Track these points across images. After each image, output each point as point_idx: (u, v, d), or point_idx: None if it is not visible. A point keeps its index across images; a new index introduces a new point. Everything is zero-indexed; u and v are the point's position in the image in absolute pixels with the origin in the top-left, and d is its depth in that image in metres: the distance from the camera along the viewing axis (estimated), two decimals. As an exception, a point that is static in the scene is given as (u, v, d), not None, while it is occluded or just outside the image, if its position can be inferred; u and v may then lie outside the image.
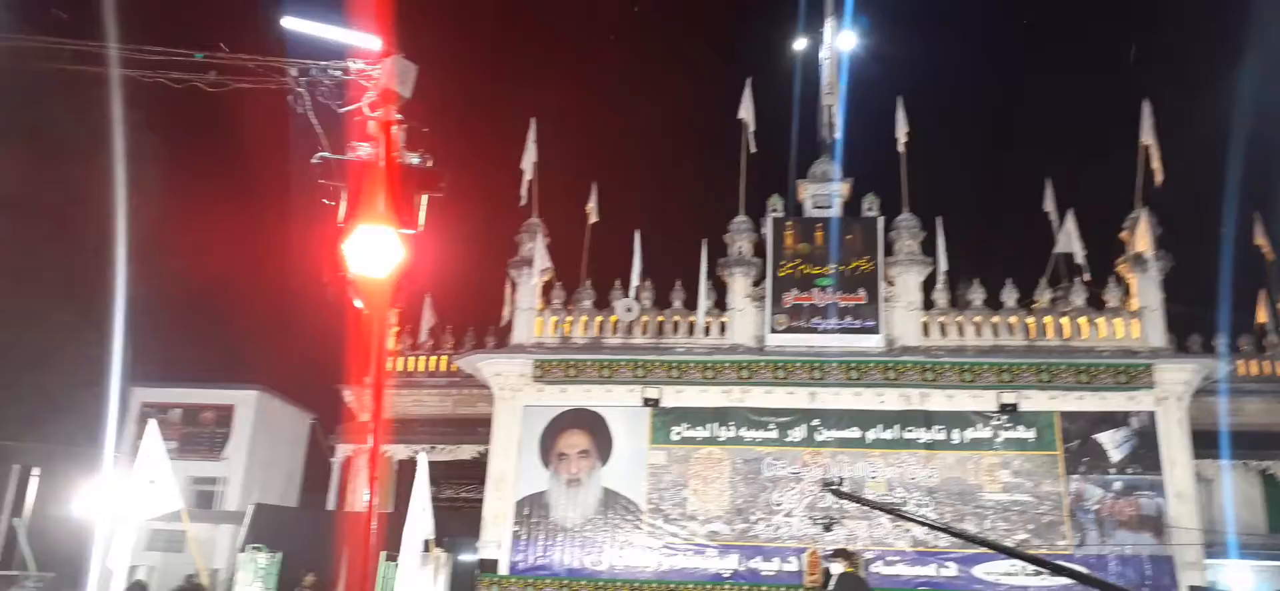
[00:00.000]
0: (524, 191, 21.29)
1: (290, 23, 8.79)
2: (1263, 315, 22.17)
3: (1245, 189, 20.81)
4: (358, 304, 8.72)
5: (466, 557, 19.29)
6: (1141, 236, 19.47)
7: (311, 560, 17.53)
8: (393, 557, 16.06)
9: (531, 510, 19.34)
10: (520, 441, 19.70)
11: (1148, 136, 19.79)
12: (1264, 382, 21.43)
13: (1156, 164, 19.65)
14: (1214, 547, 18.89)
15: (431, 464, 20.67)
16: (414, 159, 9.27)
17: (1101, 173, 23.28)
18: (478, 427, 20.84)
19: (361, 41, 8.98)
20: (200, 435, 24.01)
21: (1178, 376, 18.77)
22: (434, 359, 22.72)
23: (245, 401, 24.46)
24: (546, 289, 20.94)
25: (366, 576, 15.53)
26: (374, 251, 8.66)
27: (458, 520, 19.78)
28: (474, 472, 20.49)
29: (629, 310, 20.32)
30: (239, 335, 28.23)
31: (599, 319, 20.59)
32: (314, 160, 8.92)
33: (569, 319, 20.65)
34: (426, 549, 15.68)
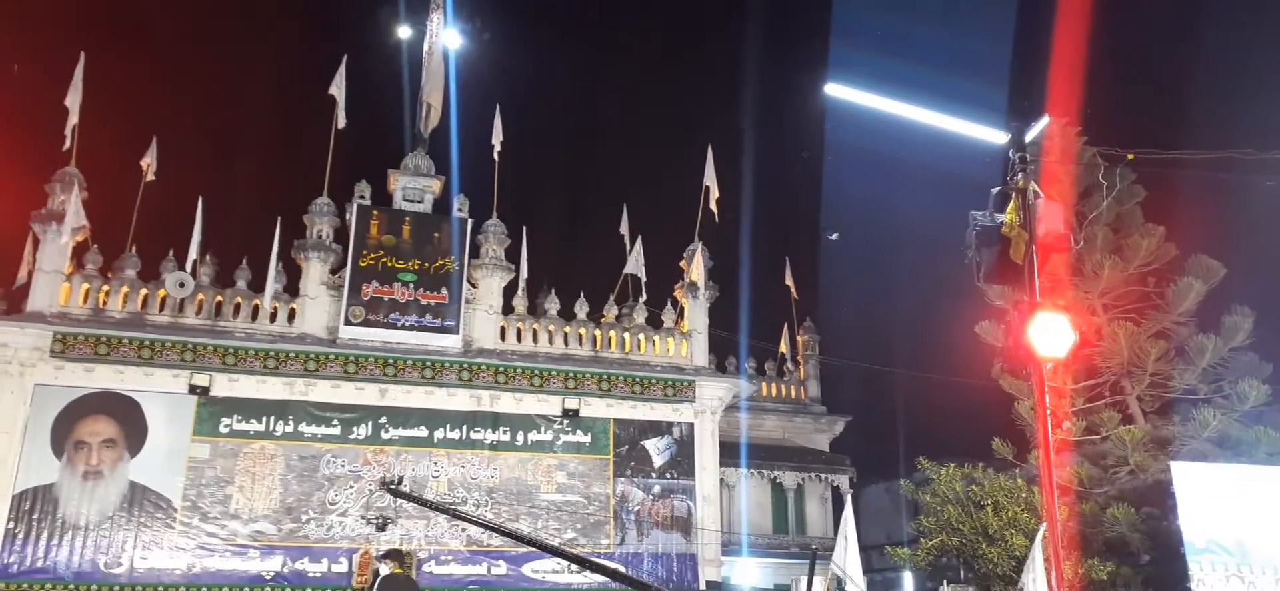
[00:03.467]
0: (68, 133, 18.25)
1: None
2: (785, 346, 25.76)
3: (779, 235, 24.09)
4: None
5: (-62, 561, 15.93)
6: (696, 267, 21.65)
7: None
8: None
9: (34, 505, 16.50)
10: (27, 425, 16.78)
11: (709, 178, 22.04)
12: (781, 403, 24.97)
13: (714, 203, 21.95)
14: (731, 546, 21.48)
15: (-99, 448, 16.94)
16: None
17: (673, 202, 25.64)
18: (-29, 407, 17.37)
19: None
20: None
21: (714, 393, 21.03)
22: (-83, 321, 18.55)
23: None
24: (79, 251, 18.08)
25: None
26: None
27: (-69, 517, 16.34)
28: (-40, 460, 17.00)
29: (182, 285, 18.20)
30: None
31: (144, 292, 18.19)
32: None
33: (106, 289, 18.00)
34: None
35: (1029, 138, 8.47)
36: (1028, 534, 16.13)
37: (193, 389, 17.79)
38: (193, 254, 18.40)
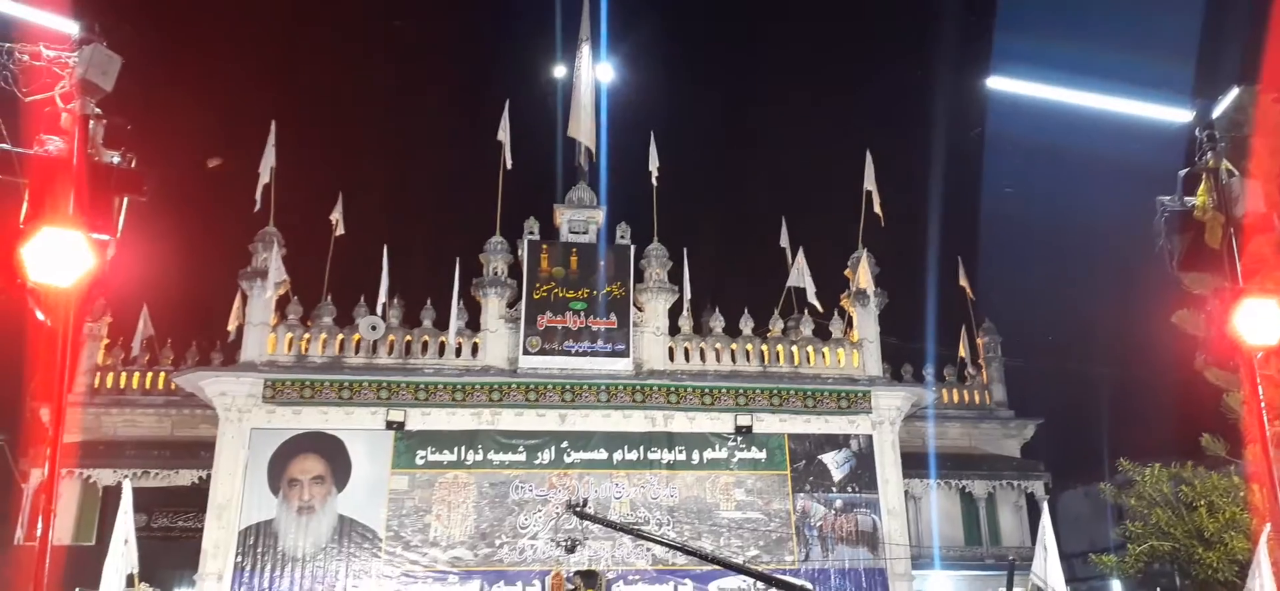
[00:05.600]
0: (258, 196, 19.96)
1: (-30, -4, 7.79)
2: (964, 349, 24.73)
3: (952, 236, 23.26)
4: (40, 315, 7.73)
5: (181, 593, 17.72)
6: (862, 274, 21.20)
7: (-14, 603, 15.40)
8: (88, 596, 14.42)
9: (258, 540, 18.02)
10: (247, 466, 18.33)
11: (870, 182, 21.61)
12: (964, 409, 23.94)
13: (877, 208, 21.48)
14: (920, 560, 20.78)
15: (146, 490, 18.98)
16: (114, 158, 8.47)
17: (834, 211, 25.24)
18: (200, 451, 19.26)
19: (56, 24, 8.10)
20: None
21: (891, 402, 20.50)
22: (150, 375, 20.76)
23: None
24: (282, 303, 19.69)
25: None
26: (59, 257, 7.74)
27: (174, 552, 18.26)
28: (193, 500, 18.85)
29: (374, 328, 19.51)
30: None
31: (340, 336, 19.62)
32: (-10, 153, 7.93)
33: (306, 336, 19.51)
34: (130, 584, 14.24)
35: (1216, 114, 7.87)
36: (1250, 536, 14.83)
37: (389, 424, 18.95)
38: (382, 298, 19.71)
